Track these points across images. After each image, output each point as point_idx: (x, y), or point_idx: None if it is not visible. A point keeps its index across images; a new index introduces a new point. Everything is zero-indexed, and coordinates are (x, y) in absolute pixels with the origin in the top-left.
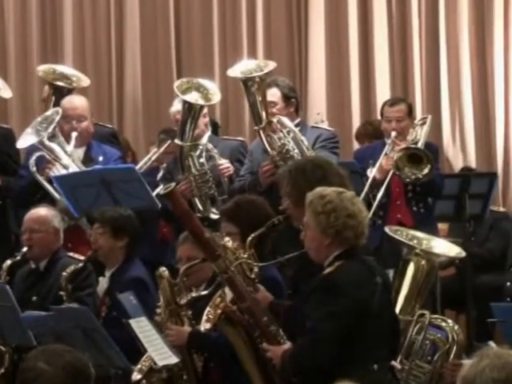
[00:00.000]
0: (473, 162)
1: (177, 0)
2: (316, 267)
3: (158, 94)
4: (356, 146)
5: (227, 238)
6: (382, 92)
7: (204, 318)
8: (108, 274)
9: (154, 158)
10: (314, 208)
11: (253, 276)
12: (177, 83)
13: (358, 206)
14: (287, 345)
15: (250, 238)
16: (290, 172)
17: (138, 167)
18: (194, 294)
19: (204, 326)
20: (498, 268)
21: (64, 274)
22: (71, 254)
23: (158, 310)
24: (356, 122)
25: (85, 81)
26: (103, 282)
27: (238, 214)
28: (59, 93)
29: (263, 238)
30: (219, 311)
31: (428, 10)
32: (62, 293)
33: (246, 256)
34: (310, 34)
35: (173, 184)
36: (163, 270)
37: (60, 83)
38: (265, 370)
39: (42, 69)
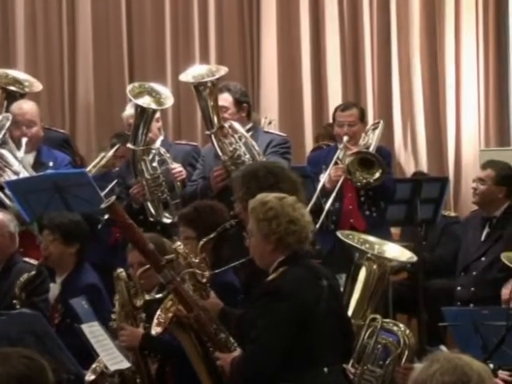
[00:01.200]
0: (424, 167)
1: (128, 5)
2: (261, 275)
3: (110, 99)
4: (308, 150)
5: (178, 243)
6: (334, 97)
7: (155, 321)
8: (59, 280)
9: (103, 163)
10: (256, 215)
11: (204, 281)
12: (129, 87)
13: (300, 211)
14: (237, 352)
15: (201, 243)
16: (243, 177)
17: (93, 171)
18: (148, 297)
19: (155, 329)
20: (448, 272)
21: (18, 282)
22: (27, 259)
23: (113, 316)
24: (308, 126)
25: (37, 86)
26: (54, 289)
27: (196, 218)
28: (12, 98)
29: (218, 243)
30: (170, 315)
31: (379, 16)
32: (15, 301)
33: (197, 261)
34: (262, 39)
35: (113, 197)
36: (120, 272)
37: (12, 88)
38: (215, 375)
39: None
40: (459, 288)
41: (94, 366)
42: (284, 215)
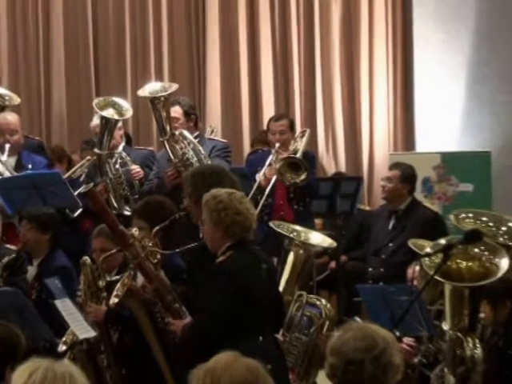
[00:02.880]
0: (343, 168)
1: (95, 31)
2: (206, 257)
3: (80, 111)
4: (246, 153)
5: (135, 229)
6: (268, 109)
7: (114, 293)
8: (36, 262)
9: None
10: (209, 207)
11: (155, 261)
12: (95, 101)
13: (246, 205)
14: (188, 319)
15: (154, 230)
16: (192, 176)
17: (69, 173)
18: (109, 279)
19: (113, 300)
20: (362, 256)
21: (0, 263)
22: (8, 245)
23: (79, 293)
24: (246, 134)
25: (16, 99)
26: (31, 270)
27: (147, 211)
28: None
29: (168, 231)
30: (126, 288)
31: (306, 43)
32: None
33: (150, 245)
34: (207, 60)
35: (91, 184)
36: (86, 259)
37: None
38: (161, 340)
39: None
40: (370, 269)
41: (64, 338)
42: (231, 208)
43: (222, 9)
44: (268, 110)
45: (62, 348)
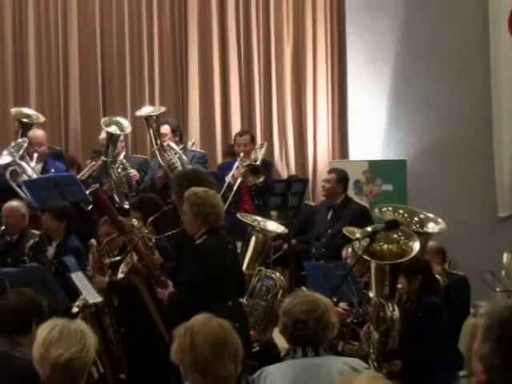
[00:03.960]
0: (293, 172)
1: (103, 65)
2: (188, 241)
3: (90, 127)
4: (219, 161)
5: (134, 220)
6: (235, 126)
7: (120, 271)
8: (54, 244)
9: (88, 172)
10: (190, 201)
11: (150, 244)
12: (102, 120)
13: (218, 200)
14: (171, 288)
15: (149, 220)
16: (177, 177)
17: (80, 175)
18: (112, 259)
19: (119, 276)
20: (307, 240)
21: (27, 245)
22: (33, 230)
23: (89, 268)
24: (219, 146)
25: (41, 118)
26: (51, 250)
27: (142, 205)
28: (25, 127)
29: (158, 220)
30: (129, 266)
31: (265, 74)
32: (25, 258)
33: (146, 231)
34: (189, 88)
35: (97, 185)
36: (93, 241)
37: (25, 120)
38: (159, 307)
39: (13, 110)
40: (314, 250)
41: (77, 303)
42: (208, 202)
43: (200, 49)
44: (235, 127)
45: (75, 310)
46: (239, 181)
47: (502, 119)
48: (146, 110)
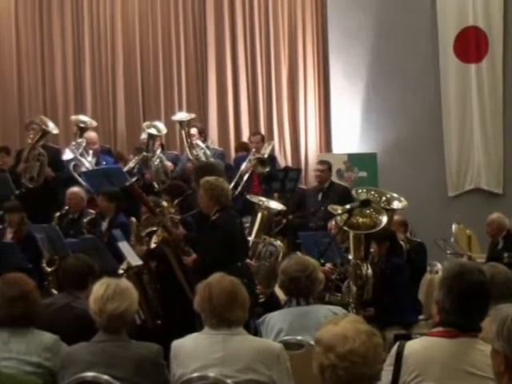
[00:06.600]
0: (290, 163)
1: (142, 78)
2: (205, 219)
3: (133, 129)
4: (232, 155)
5: (164, 202)
6: (245, 127)
7: (152, 241)
8: (107, 220)
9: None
10: (205, 187)
11: (176, 221)
12: (144, 124)
13: (226, 186)
14: (193, 256)
15: (176, 202)
16: (195, 169)
17: (126, 168)
18: (149, 230)
19: (152, 245)
20: (302, 216)
21: (85, 220)
22: (90, 210)
23: (132, 238)
24: (232, 143)
25: (94, 123)
26: (104, 225)
27: (170, 190)
28: (81, 130)
29: (183, 202)
30: (160, 238)
31: (267, 85)
32: (84, 231)
33: (173, 211)
34: (209, 98)
35: (133, 179)
36: (133, 219)
37: (82, 125)
38: (185, 273)
39: (73, 117)
40: (312, 224)
41: (122, 266)
42: (218, 187)
43: (217, 68)
44: (245, 129)
45: (120, 271)
46: (250, 170)
47: (450, 121)
48: (180, 116)
